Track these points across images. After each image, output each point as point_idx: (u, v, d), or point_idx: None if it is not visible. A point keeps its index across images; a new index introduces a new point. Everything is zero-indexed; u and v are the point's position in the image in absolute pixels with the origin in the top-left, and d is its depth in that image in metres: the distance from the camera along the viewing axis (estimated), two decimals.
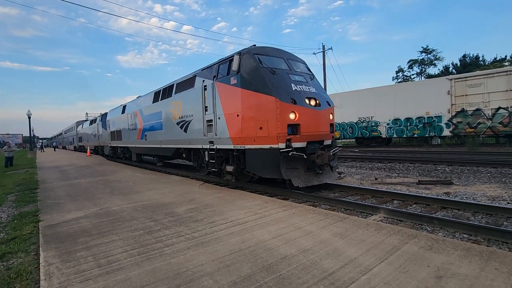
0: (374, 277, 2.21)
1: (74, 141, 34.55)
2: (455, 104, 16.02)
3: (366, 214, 4.64)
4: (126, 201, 5.39)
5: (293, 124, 5.50)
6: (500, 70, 15.52)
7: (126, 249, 2.96)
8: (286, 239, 3.10)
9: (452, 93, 16.05)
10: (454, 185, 6.57)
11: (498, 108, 14.70)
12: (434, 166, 9.37)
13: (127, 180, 8.15)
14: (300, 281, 2.19)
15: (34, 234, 3.73)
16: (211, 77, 6.98)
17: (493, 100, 14.88)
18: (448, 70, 34.50)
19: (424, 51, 38.30)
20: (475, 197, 5.44)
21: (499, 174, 7.67)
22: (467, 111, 15.64)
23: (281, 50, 6.80)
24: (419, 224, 4.05)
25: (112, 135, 16.48)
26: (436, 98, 16.50)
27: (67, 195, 6.23)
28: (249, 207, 4.54)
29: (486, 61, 32.22)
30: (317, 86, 6.52)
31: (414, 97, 17.21)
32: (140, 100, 12.57)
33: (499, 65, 25.07)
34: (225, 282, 2.21)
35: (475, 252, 2.62)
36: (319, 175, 5.97)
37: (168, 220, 4.00)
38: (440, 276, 2.20)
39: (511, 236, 3.35)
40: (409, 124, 17.62)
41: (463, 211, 4.52)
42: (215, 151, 6.92)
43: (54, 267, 2.60)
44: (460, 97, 15.86)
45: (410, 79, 39.75)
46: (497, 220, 4.08)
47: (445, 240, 2.93)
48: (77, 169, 11.95)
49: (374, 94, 19.12)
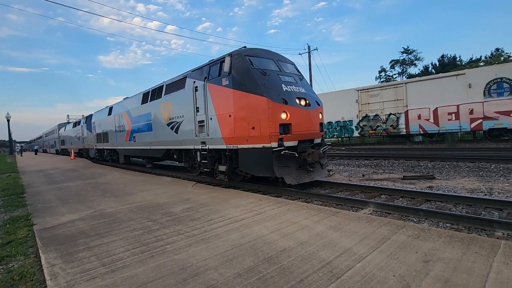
0: (368, 264, 2.39)
1: (56, 144, 33.48)
2: (361, 110, 20.07)
3: (357, 208, 4.87)
4: (119, 202, 5.39)
5: (285, 124, 5.66)
6: (391, 84, 19.77)
7: (128, 248, 3.02)
8: (284, 233, 3.24)
9: (359, 102, 20.07)
10: (436, 180, 6.94)
11: (389, 114, 18.78)
12: (417, 162, 9.80)
13: (117, 182, 8.08)
14: (301, 270, 2.34)
15: (30, 238, 3.70)
16: (202, 78, 7.04)
17: (386, 107, 18.96)
18: (428, 70, 35.85)
19: (405, 52, 39.64)
20: (455, 190, 5.78)
21: (477, 168, 8.14)
22: (369, 116, 19.70)
23: (270, 52, 6.95)
24: (406, 216, 4.30)
25: (98, 137, 16.16)
26: (349, 105, 20.45)
27: (58, 199, 6.14)
28: (244, 205, 4.66)
29: (462, 61, 33.70)
30: (306, 86, 6.72)
31: (334, 104, 20.48)
32: (127, 101, 12.43)
33: (474, 65, 26.30)
34: (230, 274, 2.33)
35: (457, 238, 2.85)
36: (310, 172, 6.17)
37: (165, 219, 4.06)
38: (427, 261, 2.41)
39: (488, 224, 3.65)
40: (330, 127, 21.71)
41: (446, 203, 4.83)
42: (207, 151, 6.99)
43: (58, 268, 2.64)
44: (365, 105, 19.94)
45: (392, 79, 41.00)
46: (476, 210, 4.40)
47: (430, 229, 3.16)
48: (63, 173, 11.67)
49: None
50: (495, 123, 15.23)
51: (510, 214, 4.13)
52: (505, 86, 14.91)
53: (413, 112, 17.76)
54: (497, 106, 15.10)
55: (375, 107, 19.41)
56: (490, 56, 31.19)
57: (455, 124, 16.39)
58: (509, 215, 4.10)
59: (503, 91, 14.99)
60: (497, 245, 2.64)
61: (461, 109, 16.12)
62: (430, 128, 17.25)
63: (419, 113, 17.54)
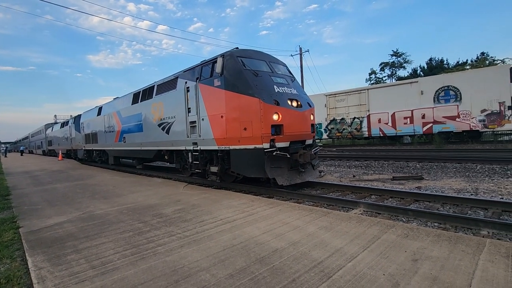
0: (359, 263, 2.43)
1: (43, 144, 32.69)
2: (329, 114, 21.41)
3: (348, 208, 4.93)
4: (109, 204, 5.30)
5: (277, 125, 5.69)
6: (355, 89, 20.64)
7: (118, 250, 2.98)
8: (275, 234, 3.26)
9: (327, 106, 21.36)
10: (425, 180, 7.09)
11: (354, 118, 20.14)
12: (406, 163, 9.99)
13: (106, 184, 7.95)
14: (293, 271, 2.35)
15: (16, 241, 3.61)
16: (193, 78, 7.01)
17: (351, 112, 20.32)
18: (416, 72, 36.60)
19: (394, 54, 40.36)
20: (443, 190, 5.92)
21: (463, 169, 8.35)
22: (336, 120, 21.03)
23: (263, 53, 6.98)
24: (396, 216, 4.38)
25: (86, 138, 15.85)
26: (318, 109, 20.04)
27: (44, 201, 5.99)
28: (236, 206, 4.65)
29: (450, 65, 34.54)
30: (298, 87, 6.77)
31: None
32: (117, 101, 12.25)
33: (461, 68, 27.01)
34: (222, 275, 2.33)
35: (444, 237, 2.92)
36: (302, 173, 6.21)
37: (156, 221, 4.02)
38: (416, 259, 2.46)
39: (474, 223, 3.75)
40: None
41: (433, 202, 4.94)
42: (199, 152, 6.96)
43: (45, 271, 2.57)
44: (333, 109, 21.30)
45: (382, 81, 41.68)
46: (462, 210, 4.52)
47: (418, 229, 3.23)
48: (50, 174, 11.41)
49: None
50: (443, 126, 16.78)
51: (495, 213, 4.25)
52: (451, 93, 16.57)
53: (374, 116, 19.27)
54: (445, 112, 16.69)
55: (342, 111, 20.79)
56: (475, 60, 32.08)
57: (410, 128, 17.93)
58: (494, 214, 4.23)
59: (449, 97, 16.62)
60: (483, 243, 2.72)
61: (415, 114, 17.63)
62: (388, 131, 18.84)
63: (379, 117, 19.03)
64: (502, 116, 15.39)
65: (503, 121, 15.38)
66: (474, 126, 16.04)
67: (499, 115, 15.48)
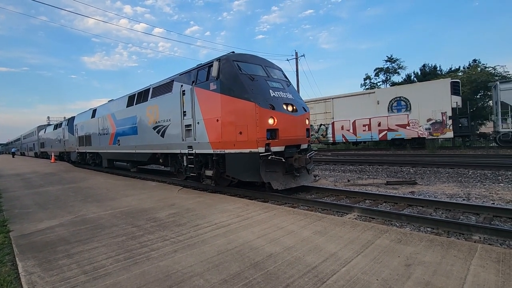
0: (353, 268, 2.43)
1: (35, 146, 32.23)
2: None
3: (342, 213, 4.95)
4: (102, 208, 5.24)
5: (272, 129, 5.71)
6: (322, 98, 22.01)
7: (111, 255, 2.94)
8: (270, 238, 3.25)
9: None
10: (418, 185, 7.16)
11: (320, 125, 21.52)
12: (400, 168, 10.08)
13: (100, 187, 7.86)
14: (287, 276, 2.35)
15: (7, 245, 3.54)
16: (189, 82, 7.01)
17: (318, 119, 21.58)
18: (410, 78, 37.07)
19: (388, 60, 40.83)
20: (436, 195, 5.99)
21: (456, 174, 8.46)
22: None
23: (259, 57, 7.02)
24: (389, 221, 4.41)
25: (80, 140, 15.69)
26: None
27: (36, 204, 5.90)
28: (230, 210, 4.64)
29: (443, 71, 35.07)
30: (294, 92, 6.82)
31: None
32: (112, 104, 12.17)
33: (454, 75, 27.45)
34: (216, 281, 2.31)
35: (437, 242, 2.95)
36: (297, 177, 6.23)
37: (150, 225, 3.98)
38: (409, 264, 2.48)
39: (466, 228, 3.80)
40: None
41: (426, 207, 4.99)
42: (194, 156, 6.93)
43: (36, 276, 2.53)
44: None
45: (376, 86, 42.14)
46: (454, 215, 4.57)
47: (412, 234, 3.26)
48: (42, 177, 11.24)
49: None
50: (396, 134, 18.54)
51: (487, 219, 4.31)
52: (402, 104, 18.30)
53: (338, 123, 20.75)
54: (397, 120, 18.36)
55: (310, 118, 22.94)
56: (468, 67, 32.64)
57: (368, 134, 19.52)
58: (485, 220, 4.28)
59: (401, 107, 18.35)
60: (474, 248, 2.76)
61: (372, 121, 19.26)
62: (350, 137, 20.33)
63: (342, 125, 20.54)
64: (444, 125, 16.93)
65: (445, 130, 16.96)
66: (421, 134, 17.60)
67: (442, 124, 16.99)
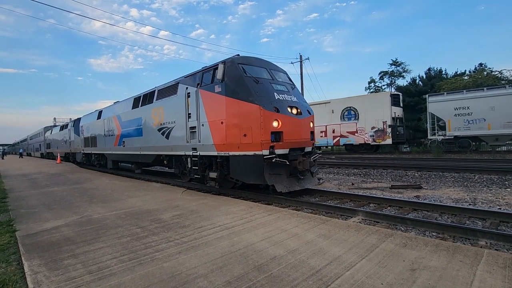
0: (357, 272, 2.42)
1: (41, 147, 32.61)
2: None
3: (346, 216, 4.92)
4: (107, 208, 5.28)
5: (276, 132, 5.71)
6: None
7: (116, 256, 2.96)
8: (274, 241, 3.25)
9: None
10: (423, 189, 7.09)
11: None
12: (405, 172, 10.00)
13: (105, 188, 7.92)
14: (291, 278, 2.35)
15: (12, 244, 3.58)
16: (194, 84, 7.06)
17: None
18: (415, 82, 36.85)
19: (393, 64, 40.67)
20: (441, 200, 5.93)
21: (462, 178, 8.37)
22: None
23: (263, 60, 7.05)
24: (394, 225, 4.38)
25: (85, 141, 15.84)
26: None
27: (42, 204, 5.96)
28: (234, 212, 4.64)
29: (448, 75, 34.81)
30: (298, 95, 6.83)
31: None
32: (118, 106, 12.28)
33: (460, 79, 27.23)
34: (220, 282, 2.32)
35: (443, 247, 2.92)
36: (301, 180, 6.21)
37: (154, 226, 4.00)
38: (414, 269, 2.46)
39: (472, 233, 3.75)
40: None
41: (432, 212, 4.94)
42: (198, 158, 6.96)
43: (41, 275, 2.56)
44: None
45: (381, 90, 41.98)
46: (460, 219, 4.52)
47: (417, 238, 3.23)
48: (48, 177, 11.36)
49: None
50: (346, 140, 20.98)
51: (493, 224, 4.26)
52: (352, 113, 20.67)
53: None
54: (348, 127, 20.70)
55: None
56: (474, 71, 32.37)
57: (324, 140, 21.80)
58: (492, 225, 4.23)
59: (351, 116, 20.71)
60: (481, 253, 2.72)
61: (328, 128, 21.60)
62: None
63: None
64: (385, 132, 19.17)
65: (385, 137, 19.22)
66: (367, 140, 19.89)
67: (383, 132, 19.24)
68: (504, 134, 15.86)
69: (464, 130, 16.96)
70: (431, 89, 30.73)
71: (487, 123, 16.22)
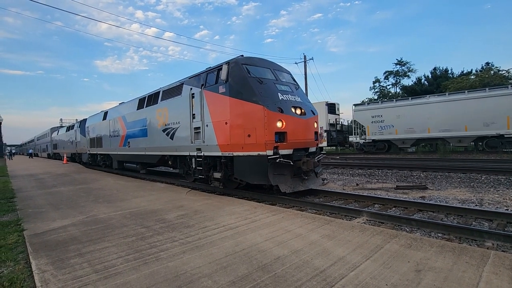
0: (362, 273, 2.41)
1: (48, 148, 33.03)
2: None
3: (351, 217, 4.90)
4: (112, 208, 5.33)
5: (280, 132, 5.72)
6: None
7: (121, 255, 2.99)
8: (278, 241, 3.25)
9: None
10: (429, 190, 7.03)
11: None
12: (410, 172, 9.92)
13: (110, 188, 8.00)
14: (295, 279, 2.35)
15: (20, 243, 3.64)
16: (199, 85, 7.10)
17: None
18: (421, 82, 36.56)
19: (398, 63, 40.43)
20: (447, 200, 5.87)
21: (468, 179, 8.28)
22: None
23: (267, 61, 7.05)
24: (399, 225, 4.35)
25: (91, 142, 16.01)
26: None
27: (49, 204, 6.04)
28: (238, 212, 4.66)
29: (454, 74, 34.46)
30: (302, 95, 6.82)
31: None
32: (123, 106, 12.39)
33: (466, 78, 26.95)
34: (224, 282, 2.33)
35: (448, 248, 2.90)
36: (305, 181, 6.20)
37: (159, 226, 4.03)
38: (419, 270, 2.44)
39: (479, 234, 3.71)
40: None
41: (437, 213, 4.90)
42: (203, 158, 6.99)
43: (49, 274, 2.60)
44: None
45: (386, 89, 41.71)
46: (466, 220, 4.47)
47: (422, 239, 3.21)
48: (55, 177, 11.51)
49: None
50: None
51: (500, 225, 4.21)
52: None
53: None
54: None
55: None
56: (480, 70, 31.97)
57: None
58: (498, 226, 4.18)
59: None
60: (487, 255, 2.69)
61: None
62: None
63: None
64: (321, 136, 20.52)
65: (322, 140, 20.87)
66: None
67: (320, 136, 20.81)
68: (407, 138, 19.53)
69: (379, 134, 20.84)
70: (436, 88, 30.44)
71: (395, 129, 20.01)
